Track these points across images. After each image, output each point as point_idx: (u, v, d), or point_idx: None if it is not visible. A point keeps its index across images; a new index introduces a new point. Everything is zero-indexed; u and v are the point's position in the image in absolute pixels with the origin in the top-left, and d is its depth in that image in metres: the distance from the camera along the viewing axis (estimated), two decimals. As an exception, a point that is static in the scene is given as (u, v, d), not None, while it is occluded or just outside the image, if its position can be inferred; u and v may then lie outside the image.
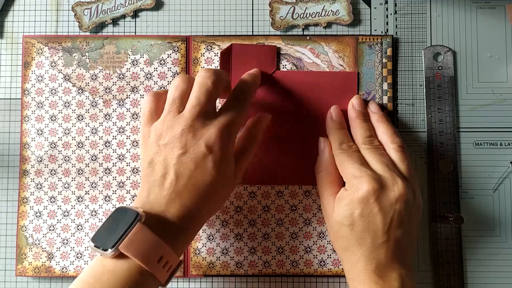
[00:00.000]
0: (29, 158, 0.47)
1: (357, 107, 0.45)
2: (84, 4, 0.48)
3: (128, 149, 0.47)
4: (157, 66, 0.47)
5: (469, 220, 0.46)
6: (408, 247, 0.40)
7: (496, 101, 0.47)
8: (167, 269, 0.36)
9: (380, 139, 0.43)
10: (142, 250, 0.34)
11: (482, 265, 0.46)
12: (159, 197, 0.37)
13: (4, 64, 0.48)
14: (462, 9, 0.48)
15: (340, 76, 0.47)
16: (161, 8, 0.48)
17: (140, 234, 0.35)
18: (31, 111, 0.47)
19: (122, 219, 0.36)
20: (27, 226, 0.46)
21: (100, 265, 0.35)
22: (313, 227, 0.46)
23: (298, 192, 0.46)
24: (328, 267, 0.46)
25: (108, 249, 0.34)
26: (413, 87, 0.47)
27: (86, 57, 0.47)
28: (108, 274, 0.34)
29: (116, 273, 0.34)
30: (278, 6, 0.47)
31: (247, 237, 0.46)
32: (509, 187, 0.46)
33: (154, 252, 0.35)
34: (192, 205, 0.38)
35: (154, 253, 0.35)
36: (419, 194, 0.42)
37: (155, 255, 0.35)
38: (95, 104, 0.47)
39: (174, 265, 0.36)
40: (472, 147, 0.47)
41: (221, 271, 0.46)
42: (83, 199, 0.47)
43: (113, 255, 0.35)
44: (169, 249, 0.35)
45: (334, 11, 0.47)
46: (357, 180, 0.40)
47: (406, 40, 0.48)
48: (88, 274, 0.35)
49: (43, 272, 0.46)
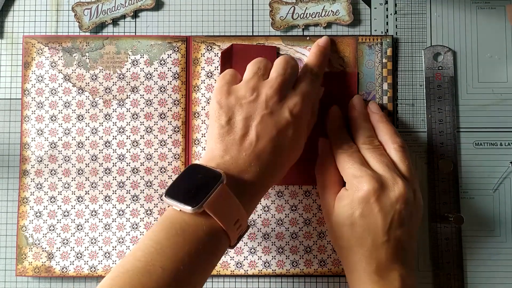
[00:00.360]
0: (29, 158, 0.47)
1: (357, 107, 0.45)
2: (84, 4, 0.48)
3: (128, 149, 0.47)
4: (157, 66, 0.47)
5: (469, 220, 0.46)
6: (409, 247, 0.40)
7: (496, 101, 0.47)
8: (239, 232, 0.36)
9: (381, 139, 0.43)
10: (224, 211, 0.35)
11: (482, 265, 0.46)
12: (237, 158, 0.37)
13: (4, 64, 0.48)
14: (462, 9, 0.48)
15: (340, 76, 0.47)
16: (161, 8, 0.48)
17: (224, 196, 0.35)
18: (31, 111, 0.47)
19: (202, 177, 0.36)
20: (27, 226, 0.46)
21: (180, 219, 0.35)
22: (313, 227, 0.46)
23: (298, 192, 0.46)
24: (328, 267, 0.46)
25: (191, 206, 0.34)
26: (413, 87, 0.47)
27: (86, 57, 0.47)
28: (191, 229, 0.34)
29: (198, 229, 0.34)
30: (278, 6, 0.47)
31: (247, 237, 0.46)
32: (509, 187, 0.46)
33: (234, 214, 0.35)
34: (267, 169, 0.38)
35: (234, 215, 0.35)
36: (419, 194, 0.42)
37: (234, 217, 0.35)
38: (95, 104, 0.47)
39: (244, 228, 0.37)
40: (472, 147, 0.47)
41: (221, 271, 0.46)
42: (83, 199, 0.47)
43: (196, 213, 0.35)
44: (244, 212, 0.36)
45: (334, 11, 0.47)
46: (358, 180, 0.40)
47: (406, 40, 0.48)
48: (169, 226, 0.35)
49: (43, 272, 0.46)
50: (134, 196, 0.46)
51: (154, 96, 0.47)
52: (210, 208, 0.34)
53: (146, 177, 0.46)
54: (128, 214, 0.46)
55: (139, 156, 0.47)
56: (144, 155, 0.47)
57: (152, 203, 0.46)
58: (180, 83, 0.47)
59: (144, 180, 0.46)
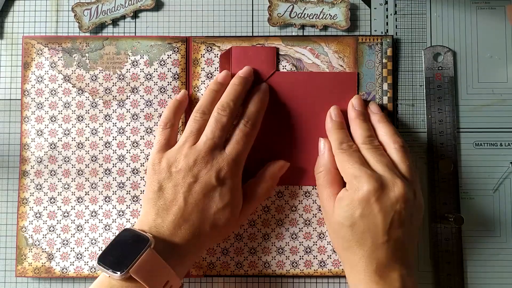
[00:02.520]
0: (29, 159, 0.47)
1: (357, 107, 0.45)
2: (84, 5, 0.48)
3: (128, 150, 0.47)
4: (157, 66, 0.47)
5: (469, 220, 0.46)
6: (409, 247, 0.40)
7: (496, 101, 0.47)
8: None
9: (381, 139, 0.43)
10: (151, 275, 0.36)
11: (482, 266, 0.46)
12: (167, 222, 0.39)
13: (4, 65, 0.48)
14: (462, 9, 0.48)
15: (340, 77, 0.47)
16: (161, 9, 0.48)
17: (150, 260, 0.36)
18: (31, 111, 0.47)
19: (131, 242, 0.37)
20: (27, 227, 0.46)
21: (108, 285, 0.36)
22: (313, 228, 0.46)
23: (298, 192, 0.46)
24: (328, 267, 0.46)
25: (118, 272, 0.36)
26: (413, 87, 0.47)
27: (86, 57, 0.47)
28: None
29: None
30: (277, 3, 0.47)
31: (247, 238, 0.46)
32: (509, 187, 0.46)
33: (162, 277, 0.37)
34: (196, 234, 0.40)
35: (162, 278, 0.37)
36: (420, 194, 0.42)
37: (163, 280, 0.37)
38: (95, 105, 0.47)
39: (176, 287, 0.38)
40: (472, 147, 0.47)
41: (221, 271, 0.46)
42: (83, 199, 0.47)
43: (123, 278, 0.36)
44: (174, 274, 0.37)
45: (332, 15, 0.47)
46: (358, 180, 0.40)
47: (406, 40, 0.48)
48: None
49: (43, 272, 0.46)
50: (134, 196, 0.46)
51: (154, 97, 0.47)
52: (136, 274, 0.36)
53: (146, 178, 0.46)
54: (128, 215, 0.46)
55: (139, 157, 0.47)
56: (144, 156, 0.47)
57: (152, 203, 0.46)
58: (180, 84, 0.47)
59: (144, 180, 0.46)
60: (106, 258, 0.37)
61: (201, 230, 0.40)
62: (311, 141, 0.46)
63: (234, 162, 0.41)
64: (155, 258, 0.37)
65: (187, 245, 0.39)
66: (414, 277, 0.40)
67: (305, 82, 0.46)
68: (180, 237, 0.39)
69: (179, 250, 0.39)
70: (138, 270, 0.36)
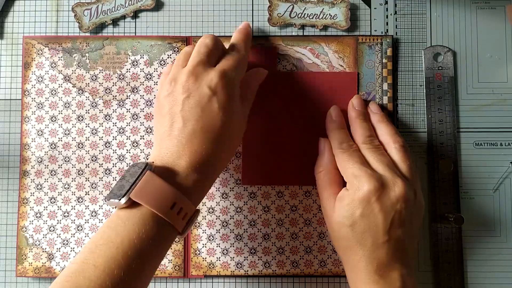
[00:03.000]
0: (29, 159, 0.47)
1: (357, 106, 0.45)
2: (84, 5, 0.48)
3: (128, 150, 0.47)
4: (157, 66, 0.47)
5: (469, 220, 0.46)
6: (409, 247, 0.40)
7: (496, 101, 0.47)
8: (183, 217, 0.36)
9: (382, 139, 0.43)
10: (153, 196, 0.35)
11: (483, 265, 0.46)
12: (170, 147, 0.38)
13: (4, 65, 0.48)
14: (462, 9, 0.48)
15: (340, 77, 0.47)
16: (161, 9, 0.48)
17: (150, 181, 0.35)
18: (31, 111, 0.47)
19: (133, 172, 0.36)
20: (27, 227, 0.46)
21: (115, 216, 0.35)
22: (314, 228, 0.46)
23: (299, 192, 0.46)
24: (329, 267, 0.46)
25: (121, 199, 0.35)
26: (413, 87, 0.47)
27: (86, 57, 0.47)
28: (122, 223, 0.34)
29: (129, 220, 0.34)
30: (277, 2, 0.47)
31: (248, 238, 0.46)
32: (509, 187, 0.46)
33: (166, 198, 0.35)
34: (203, 151, 0.37)
35: (166, 199, 0.35)
36: (420, 194, 0.42)
37: (167, 201, 0.35)
38: (95, 104, 0.47)
39: (190, 213, 0.36)
40: (472, 147, 0.47)
41: (221, 271, 0.46)
42: (83, 199, 0.47)
43: (127, 205, 0.35)
44: (181, 195, 0.35)
45: (332, 15, 0.47)
46: (358, 179, 0.40)
47: (406, 40, 0.48)
48: (105, 225, 0.35)
49: (44, 272, 0.46)
50: (134, 196, 0.46)
51: (154, 97, 0.47)
52: (137, 197, 0.34)
53: (146, 178, 0.46)
54: (128, 215, 0.46)
55: (139, 157, 0.47)
56: (144, 156, 0.47)
57: (152, 203, 0.46)
58: (180, 84, 0.47)
59: (144, 180, 0.46)
60: (112, 193, 0.36)
61: (207, 148, 0.38)
62: (311, 141, 0.46)
63: (225, 73, 0.40)
64: (155, 179, 0.35)
65: (196, 167, 0.37)
66: (414, 276, 0.40)
67: (305, 82, 0.46)
68: (186, 160, 0.37)
69: (186, 173, 0.37)
70: (138, 193, 0.34)
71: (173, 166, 0.37)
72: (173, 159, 0.37)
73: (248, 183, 0.46)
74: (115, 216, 0.35)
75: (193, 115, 0.38)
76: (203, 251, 0.46)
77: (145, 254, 0.34)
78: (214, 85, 0.39)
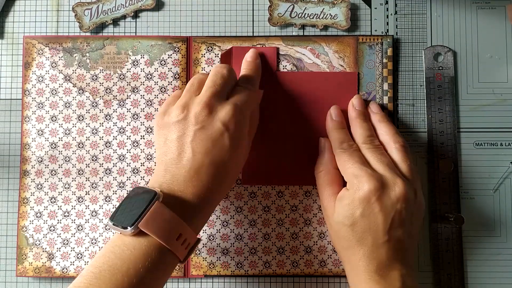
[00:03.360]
0: (29, 159, 0.47)
1: (357, 106, 0.45)
2: (85, 5, 0.48)
3: (129, 150, 0.47)
4: (158, 66, 0.47)
5: (469, 220, 0.46)
6: (409, 247, 0.40)
7: (497, 101, 0.47)
8: (186, 246, 0.36)
9: (382, 139, 0.43)
10: (161, 227, 0.35)
11: (483, 265, 0.46)
12: (177, 176, 0.38)
13: (5, 65, 0.48)
14: (462, 9, 0.48)
15: (341, 77, 0.47)
16: (162, 9, 0.48)
17: (159, 212, 0.35)
18: (32, 111, 0.47)
19: (140, 198, 0.36)
20: (28, 227, 0.46)
21: (120, 242, 0.35)
22: (314, 227, 0.46)
23: (299, 192, 0.46)
24: (329, 267, 0.46)
25: (128, 227, 0.35)
26: (413, 87, 0.47)
27: (87, 57, 0.47)
28: (128, 251, 0.35)
29: (136, 249, 0.35)
30: (278, 2, 0.47)
31: (248, 237, 0.46)
32: (509, 187, 0.46)
33: (173, 229, 0.35)
34: (209, 183, 0.38)
35: (173, 231, 0.35)
36: (420, 194, 0.42)
37: (174, 233, 0.35)
38: (96, 104, 0.47)
39: (192, 242, 0.37)
40: (473, 147, 0.47)
41: (221, 271, 0.46)
42: (84, 199, 0.47)
43: (133, 233, 0.35)
44: (186, 226, 0.36)
45: (333, 15, 0.47)
46: (358, 179, 0.40)
47: (407, 40, 0.48)
48: (109, 250, 0.35)
49: (44, 272, 0.46)
50: (135, 196, 0.46)
51: (155, 97, 0.47)
52: (145, 227, 0.35)
53: (147, 178, 0.46)
54: (128, 215, 0.46)
55: (140, 157, 0.47)
56: (144, 156, 0.47)
57: (153, 203, 0.46)
58: (181, 84, 0.47)
59: (144, 180, 0.46)
60: (117, 216, 0.36)
61: (213, 179, 0.38)
62: (311, 141, 0.46)
63: (239, 109, 0.40)
64: (164, 210, 0.35)
65: (201, 198, 0.38)
66: (414, 276, 0.40)
67: (305, 82, 0.46)
68: (192, 190, 0.37)
69: (192, 203, 0.37)
70: (147, 223, 0.35)
71: (180, 196, 0.37)
72: (180, 188, 0.37)
73: (248, 183, 0.46)
74: (119, 241, 0.36)
75: (204, 148, 0.38)
76: (203, 251, 0.46)
77: (149, 281, 0.35)
78: (228, 121, 0.39)
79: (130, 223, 0.35)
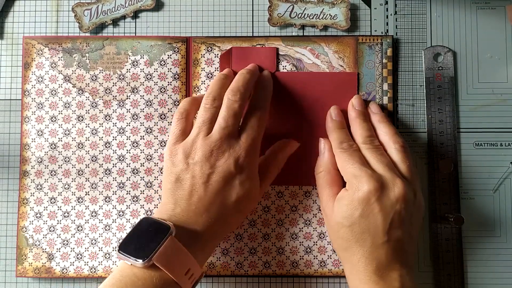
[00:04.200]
0: (29, 159, 0.47)
1: (357, 106, 0.45)
2: (84, 5, 0.48)
3: (128, 150, 0.47)
4: (157, 67, 0.47)
5: (469, 220, 0.46)
6: (409, 247, 0.40)
7: (496, 101, 0.47)
8: (192, 280, 0.37)
9: (382, 139, 0.43)
10: (174, 262, 0.36)
11: (483, 266, 0.46)
12: (187, 211, 0.39)
13: (5, 65, 0.48)
14: (462, 10, 0.48)
15: (340, 77, 0.47)
16: (161, 9, 0.48)
17: (173, 248, 0.36)
18: (31, 112, 0.47)
19: (152, 230, 0.37)
20: (27, 227, 0.46)
21: (130, 273, 0.36)
22: (313, 228, 0.46)
23: (298, 192, 0.46)
24: (329, 267, 0.46)
25: (140, 260, 0.36)
26: (413, 87, 0.47)
27: (86, 58, 0.47)
28: (139, 282, 0.36)
29: (147, 281, 0.36)
30: (277, 3, 0.47)
31: (248, 238, 0.46)
32: (509, 187, 0.46)
33: (183, 264, 0.37)
34: (217, 221, 0.39)
35: (183, 266, 0.37)
36: (420, 195, 0.42)
37: (184, 268, 0.37)
38: (95, 105, 0.47)
39: (197, 276, 0.38)
40: (473, 147, 0.47)
41: (221, 271, 0.46)
42: (83, 199, 0.47)
43: (145, 266, 0.36)
44: (195, 262, 0.37)
45: (332, 16, 0.47)
46: (358, 179, 0.40)
47: (406, 40, 0.48)
48: (119, 280, 0.36)
49: (43, 273, 0.46)
50: (134, 197, 0.46)
51: (154, 97, 0.47)
52: (159, 261, 0.36)
53: (146, 178, 0.46)
54: (128, 215, 0.46)
55: (139, 157, 0.47)
56: (144, 156, 0.47)
57: (152, 204, 0.46)
58: (180, 84, 0.47)
59: (144, 180, 0.46)
60: (128, 247, 0.37)
61: (221, 218, 0.40)
62: (311, 141, 0.46)
63: (251, 148, 0.41)
64: (177, 246, 0.36)
65: (207, 233, 0.39)
66: (414, 277, 0.40)
67: (305, 82, 0.46)
68: (201, 225, 0.39)
69: (200, 238, 0.39)
70: (160, 257, 0.36)
71: (189, 231, 0.38)
72: (190, 223, 0.39)
73: (248, 183, 0.46)
74: (129, 271, 0.36)
75: (215, 188, 0.39)
76: (203, 251, 0.46)
77: None
78: (241, 162, 0.40)
79: (144, 256, 0.36)
